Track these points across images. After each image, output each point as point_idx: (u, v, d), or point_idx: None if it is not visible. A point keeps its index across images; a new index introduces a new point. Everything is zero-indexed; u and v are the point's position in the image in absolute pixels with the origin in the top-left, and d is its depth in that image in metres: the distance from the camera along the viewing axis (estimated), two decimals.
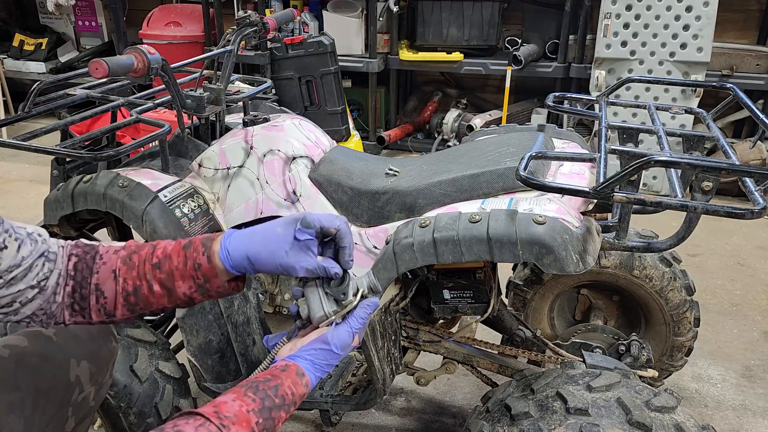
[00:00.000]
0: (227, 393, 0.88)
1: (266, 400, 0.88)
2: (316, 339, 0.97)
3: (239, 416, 0.84)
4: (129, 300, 0.98)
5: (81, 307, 0.98)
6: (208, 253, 0.97)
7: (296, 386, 0.93)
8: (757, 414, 2.10)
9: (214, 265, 0.97)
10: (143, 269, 0.98)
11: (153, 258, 0.98)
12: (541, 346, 1.72)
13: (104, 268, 0.98)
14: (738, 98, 1.52)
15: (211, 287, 0.99)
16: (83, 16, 5.32)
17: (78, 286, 0.97)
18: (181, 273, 0.97)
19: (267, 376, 0.92)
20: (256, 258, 0.96)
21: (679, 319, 1.88)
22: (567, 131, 1.68)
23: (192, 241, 1.00)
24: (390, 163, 1.61)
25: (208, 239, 0.99)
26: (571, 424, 1.12)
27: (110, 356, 1.23)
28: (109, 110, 1.74)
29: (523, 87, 4.63)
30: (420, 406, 2.12)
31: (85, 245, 1.00)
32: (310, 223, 0.96)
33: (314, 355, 0.96)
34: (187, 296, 0.99)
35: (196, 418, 0.81)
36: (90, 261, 0.98)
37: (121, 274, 0.97)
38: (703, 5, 3.54)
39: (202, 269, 0.97)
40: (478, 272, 1.47)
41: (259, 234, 0.98)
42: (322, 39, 3.72)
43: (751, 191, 1.12)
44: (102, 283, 0.97)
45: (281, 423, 0.91)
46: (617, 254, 1.83)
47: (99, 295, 0.97)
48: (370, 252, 1.49)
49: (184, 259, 0.98)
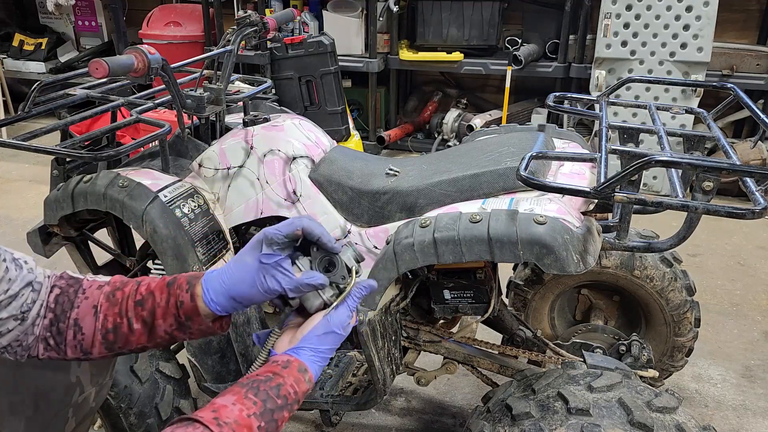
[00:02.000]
0: (226, 394, 0.85)
1: (268, 402, 0.86)
2: (317, 326, 0.95)
3: (240, 422, 0.81)
4: (107, 338, 0.95)
5: (56, 342, 0.94)
6: (191, 291, 0.94)
7: (299, 384, 0.90)
8: (758, 414, 2.10)
9: (197, 305, 0.94)
10: (125, 306, 0.95)
11: (137, 295, 0.96)
12: (542, 346, 1.72)
13: (85, 303, 0.95)
14: (738, 98, 1.52)
15: (193, 326, 0.96)
16: (83, 16, 5.32)
17: (56, 320, 0.94)
18: (163, 311, 0.95)
19: (268, 374, 0.89)
20: (239, 296, 0.94)
21: (680, 320, 1.87)
22: (567, 131, 1.68)
23: (176, 279, 0.97)
24: (390, 163, 1.61)
25: (193, 278, 0.97)
26: (573, 425, 1.12)
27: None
28: (109, 110, 1.74)
29: (523, 87, 4.63)
30: (420, 407, 2.12)
31: (70, 278, 0.97)
32: (272, 239, 0.93)
33: (317, 342, 0.94)
34: (168, 334, 0.96)
35: (195, 426, 0.79)
36: (72, 295, 0.95)
37: (102, 311, 0.95)
38: (704, 5, 3.54)
39: (184, 308, 0.94)
40: (478, 272, 1.47)
41: (233, 270, 0.95)
42: (322, 39, 3.72)
43: (751, 191, 1.12)
44: (81, 318, 0.94)
45: (284, 422, 0.89)
46: (618, 254, 1.83)
47: (77, 330, 0.94)
48: (371, 252, 1.49)
49: (167, 296, 0.95)
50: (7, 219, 3.51)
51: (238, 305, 0.95)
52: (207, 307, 0.94)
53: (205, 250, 1.54)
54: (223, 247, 1.60)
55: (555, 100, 1.65)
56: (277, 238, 0.93)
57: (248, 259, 0.94)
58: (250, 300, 0.95)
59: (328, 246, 0.97)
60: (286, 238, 0.94)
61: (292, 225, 0.95)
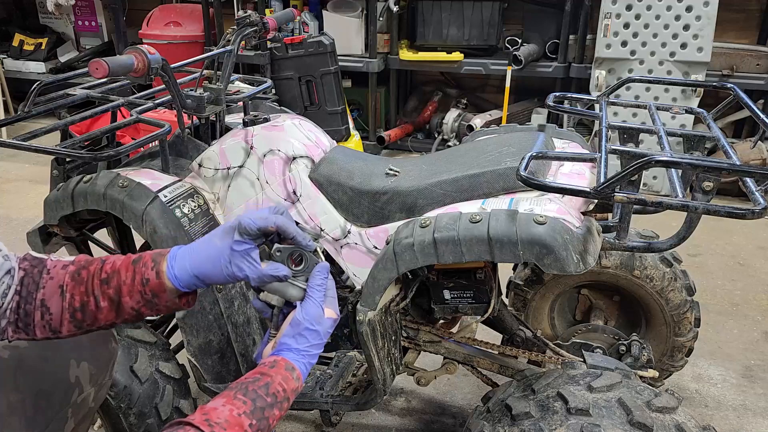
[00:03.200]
0: (217, 398, 0.87)
1: (257, 401, 0.87)
2: (289, 325, 0.96)
3: (230, 421, 0.82)
4: (75, 316, 0.96)
5: (24, 323, 0.95)
6: (157, 268, 0.96)
7: (287, 381, 0.91)
8: (758, 414, 2.10)
9: (163, 282, 0.96)
10: (91, 285, 0.96)
11: (102, 273, 0.97)
12: (542, 346, 1.71)
13: (51, 283, 0.95)
14: (738, 98, 1.52)
15: (160, 302, 0.97)
16: (83, 16, 5.32)
17: (23, 301, 0.94)
18: (129, 288, 0.96)
19: (256, 375, 0.90)
20: (203, 275, 0.96)
21: (680, 320, 1.87)
22: (567, 131, 1.68)
23: (142, 256, 0.99)
24: (390, 163, 1.60)
25: (159, 255, 0.98)
26: (572, 425, 1.12)
27: (110, 357, 1.23)
28: (109, 110, 1.74)
29: (524, 87, 4.63)
30: (420, 407, 2.12)
31: (33, 258, 0.98)
32: (245, 229, 0.95)
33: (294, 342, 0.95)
34: (135, 310, 0.98)
35: (186, 429, 0.80)
36: (37, 276, 0.96)
37: (69, 290, 0.95)
38: (704, 5, 3.54)
39: (150, 285, 0.96)
40: (478, 272, 1.47)
41: (201, 249, 0.97)
42: (322, 39, 3.72)
43: (751, 191, 1.12)
44: (48, 298, 0.95)
45: (276, 421, 0.90)
46: (618, 254, 1.83)
47: (44, 311, 0.95)
48: (371, 252, 1.49)
49: (133, 274, 0.96)
50: (7, 219, 3.51)
51: (201, 283, 0.97)
52: (171, 283, 0.96)
53: None
54: None
55: (555, 100, 1.65)
56: (250, 230, 0.95)
57: (218, 241, 0.96)
58: (212, 280, 0.97)
59: (302, 244, 0.99)
60: (258, 231, 0.96)
61: (267, 220, 0.96)
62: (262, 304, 1.02)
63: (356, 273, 1.53)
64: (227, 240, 0.96)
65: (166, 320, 1.91)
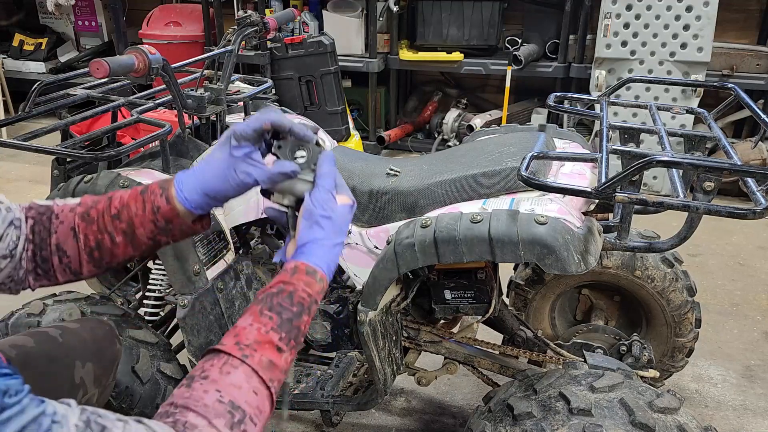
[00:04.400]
0: (246, 314, 0.87)
1: (284, 313, 0.87)
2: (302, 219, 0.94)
3: (259, 340, 0.84)
4: (93, 255, 0.97)
5: (44, 270, 0.97)
6: (166, 195, 0.96)
7: (311, 286, 0.90)
8: (758, 414, 2.10)
9: (174, 207, 0.96)
10: (103, 222, 0.96)
11: (111, 209, 0.97)
12: (542, 346, 1.71)
13: (62, 228, 0.96)
14: (739, 98, 1.52)
15: (174, 228, 0.98)
16: (83, 15, 5.32)
17: (38, 249, 0.96)
18: (141, 219, 0.96)
19: (279, 286, 0.89)
20: (213, 191, 0.95)
21: (681, 320, 1.87)
22: (568, 131, 1.67)
23: (148, 187, 0.98)
24: (390, 163, 1.60)
25: (165, 182, 0.98)
26: (574, 425, 1.12)
27: (114, 358, 1.23)
28: (110, 110, 1.73)
29: (524, 87, 4.63)
30: (421, 407, 2.12)
31: (39, 206, 0.99)
32: (241, 135, 0.93)
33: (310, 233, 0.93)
34: (151, 239, 0.98)
35: (219, 357, 0.82)
36: (47, 222, 0.97)
37: (81, 231, 0.96)
38: (704, 5, 3.54)
39: (161, 212, 0.96)
40: (479, 272, 1.47)
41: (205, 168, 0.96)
42: (322, 39, 3.72)
43: (752, 191, 1.12)
44: (62, 242, 0.96)
45: (307, 326, 0.90)
46: (619, 254, 1.83)
47: (61, 255, 0.96)
48: (371, 252, 1.49)
49: (143, 204, 0.96)
50: None
51: (213, 201, 0.96)
52: (183, 206, 0.95)
53: (205, 250, 1.53)
54: (224, 247, 1.60)
55: (555, 100, 1.65)
56: (245, 133, 0.94)
57: (218, 155, 0.95)
58: (224, 195, 0.96)
59: (300, 135, 0.96)
60: (254, 133, 0.94)
61: (260, 120, 0.95)
62: (274, 211, 1.00)
63: (357, 273, 1.53)
64: (226, 150, 0.94)
65: (167, 320, 1.91)
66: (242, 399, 0.79)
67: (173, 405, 0.77)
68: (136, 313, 1.67)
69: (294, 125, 0.95)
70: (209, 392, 0.77)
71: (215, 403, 0.77)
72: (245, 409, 0.79)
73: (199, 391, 0.77)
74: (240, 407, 0.78)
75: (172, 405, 0.77)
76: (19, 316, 1.52)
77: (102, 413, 0.69)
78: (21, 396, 0.61)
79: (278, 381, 0.85)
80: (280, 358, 0.85)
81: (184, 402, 0.76)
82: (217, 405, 0.77)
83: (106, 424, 0.67)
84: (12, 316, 1.54)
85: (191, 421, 0.74)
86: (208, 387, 0.78)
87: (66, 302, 1.55)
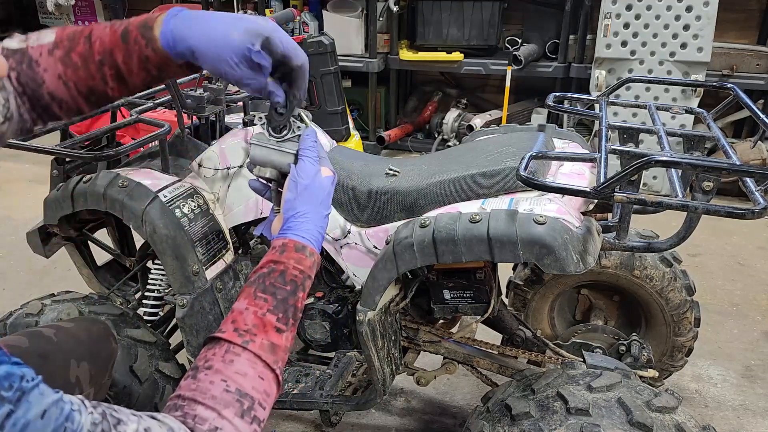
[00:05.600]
0: (240, 298, 0.87)
1: (278, 293, 0.87)
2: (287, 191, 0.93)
3: (257, 324, 0.84)
4: (90, 99, 0.94)
5: (48, 114, 0.94)
6: (152, 45, 0.89)
7: (302, 262, 0.90)
8: (758, 414, 2.10)
9: (162, 54, 0.89)
10: (90, 69, 0.91)
11: (95, 55, 0.90)
12: (542, 346, 1.71)
13: (48, 76, 0.91)
14: (738, 98, 1.52)
15: (168, 74, 0.94)
16: (83, 16, 5.32)
17: (34, 99, 0.92)
18: (130, 67, 0.91)
19: (270, 266, 0.89)
20: (200, 54, 0.87)
21: (680, 320, 1.87)
22: (567, 131, 1.67)
23: (128, 30, 0.91)
24: (390, 163, 1.60)
25: (146, 29, 0.89)
26: (572, 425, 1.12)
27: (110, 357, 1.23)
28: (109, 110, 1.74)
29: (524, 87, 4.63)
30: (420, 407, 2.12)
31: (12, 52, 0.91)
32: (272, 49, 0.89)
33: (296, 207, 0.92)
34: (145, 85, 0.94)
35: (220, 345, 0.82)
36: (29, 70, 0.91)
37: (70, 78, 0.91)
38: (704, 5, 3.54)
39: (151, 62, 0.90)
40: (478, 272, 1.47)
41: (209, 26, 0.87)
42: (322, 39, 3.71)
43: (751, 191, 1.12)
44: (55, 90, 0.92)
45: (302, 302, 0.91)
46: (618, 254, 1.83)
47: (59, 101, 0.92)
48: (371, 252, 1.49)
49: (128, 52, 0.90)
50: (7, 219, 3.51)
51: (192, 59, 0.89)
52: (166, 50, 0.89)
53: (204, 250, 1.54)
54: (223, 247, 1.60)
55: (555, 100, 1.65)
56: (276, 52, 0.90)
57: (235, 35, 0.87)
58: (205, 64, 0.89)
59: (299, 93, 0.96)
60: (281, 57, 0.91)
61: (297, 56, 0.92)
62: (259, 184, 1.00)
63: (356, 273, 1.53)
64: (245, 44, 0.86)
65: (166, 320, 1.91)
66: (249, 386, 0.79)
67: (181, 398, 0.77)
68: (135, 313, 1.67)
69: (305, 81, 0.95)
70: (215, 383, 0.77)
71: (223, 393, 0.77)
72: (253, 395, 0.79)
73: (205, 382, 0.77)
74: (248, 394, 0.79)
75: (180, 398, 0.77)
76: (18, 316, 1.53)
77: (116, 408, 0.69)
78: (38, 381, 0.61)
79: (282, 361, 0.85)
80: (281, 338, 0.85)
81: (192, 395, 0.76)
82: (225, 395, 0.77)
83: (121, 417, 0.68)
84: (10, 316, 1.54)
85: (200, 414, 0.74)
86: (214, 377, 0.78)
87: (64, 302, 1.56)
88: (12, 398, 0.57)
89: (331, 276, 1.66)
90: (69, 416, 0.61)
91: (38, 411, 0.59)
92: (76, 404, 0.64)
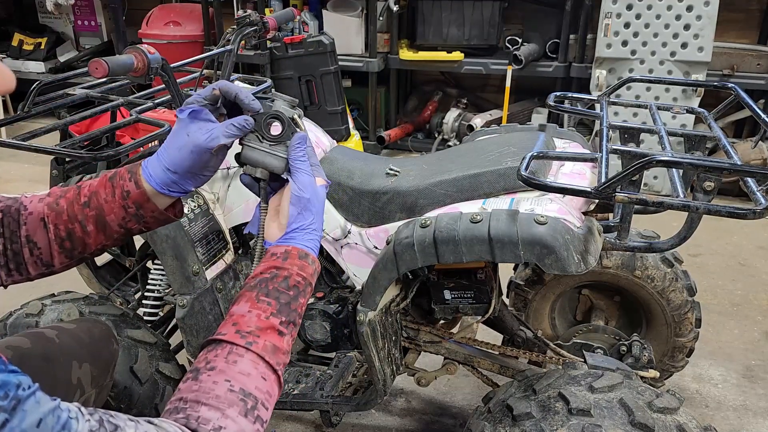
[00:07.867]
0: (240, 301, 0.87)
1: (281, 297, 0.88)
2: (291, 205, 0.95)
3: (261, 326, 0.84)
4: (65, 246, 0.96)
5: (16, 263, 0.96)
6: (135, 179, 0.95)
7: (304, 269, 0.92)
8: (758, 414, 2.10)
9: (144, 190, 0.95)
10: (73, 211, 0.95)
11: (81, 198, 0.96)
12: (542, 346, 1.71)
13: (31, 219, 0.95)
14: (739, 98, 1.52)
15: (146, 214, 0.97)
16: (82, 15, 5.32)
17: (8, 242, 0.94)
18: (111, 205, 0.95)
19: (272, 271, 0.90)
20: (174, 164, 0.94)
21: (681, 320, 1.87)
22: (568, 131, 1.67)
23: (117, 172, 0.98)
24: (390, 163, 1.60)
25: (134, 166, 0.97)
26: (574, 425, 1.12)
27: (111, 359, 1.23)
28: (109, 110, 1.73)
29: (524, 87, 4.63)
30: (420, 407, 2.12)
31: (7, 198, 0.97)
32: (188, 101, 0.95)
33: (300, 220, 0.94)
34: (122, 227, 0.97)
35: (222, 347, 0.82)
36: (15, 214, 0.95)
37: (51, 221, 0.95)
38: (704, 5, 3.54)
39: (131, 197, 0.95)
40: (479, 272, 1.47)
41: (166, 145, 0.96)
42: (321, 38, 3.71)
43: (753, 191, 1.12)
44: (32, 233, 0.95)
45: (303, 308, 0.92)
46: (619, 254, 1.83)
47: (32, 246, 0.95)
48: (371, 252, 1.49)
49: (112, 189, 0.96)
50: None
51: (174, 176, 0.95)
52: (150, 186, 0.95)
53: (204, 250, 1.53)
54: (223, 247, 1.60)
55: (555, 100, 1.65)
56: (196, 100, 0.95)
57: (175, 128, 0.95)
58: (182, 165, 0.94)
59: (245, 103, 0.97)
60: (204, 100, 0.95)
61: (209, 87, 0.96)
62: (249, 179, 1.01)
63: (356, 273, 1.53)
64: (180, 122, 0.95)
65: (166, 320, 1.91)
66: (252, 385, 0.79)
67: (182, 400, 0.76)
68: (135, 314, 1.66)
69: (240, 92, 0.96)
70: (219, 383, 0.77)
71: (227, 393, 0.77)
72: (256, 395, 0.79)
73: (207, 382, 0.77)
74: (251, 394, 0.79)
75: (182, 400, 0.76)
76: (18, 316, 1.52)
77: (113, 414, 0.69)
78: (35, 389, 0.61)
79: (283, 363, 0.86)
80: (282, 341, 0.86)
81: (194, 396, 0.76)
82: (229, 394, 0.77)
83: (118, 423, 0.67)
84: (10, 317, 1.53)
85: (204, 415, 0.74)
86: (217, 377, 0.78)
87: (64, 302, 1.55)
88: (7, 407, 0.57)
89: (332, 276, 1.66)
90: (66, 424, 0.61)
91: (34, 420, 0.58)
92: (74, 412, 0.64)
